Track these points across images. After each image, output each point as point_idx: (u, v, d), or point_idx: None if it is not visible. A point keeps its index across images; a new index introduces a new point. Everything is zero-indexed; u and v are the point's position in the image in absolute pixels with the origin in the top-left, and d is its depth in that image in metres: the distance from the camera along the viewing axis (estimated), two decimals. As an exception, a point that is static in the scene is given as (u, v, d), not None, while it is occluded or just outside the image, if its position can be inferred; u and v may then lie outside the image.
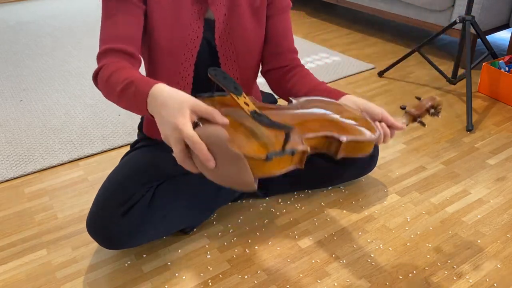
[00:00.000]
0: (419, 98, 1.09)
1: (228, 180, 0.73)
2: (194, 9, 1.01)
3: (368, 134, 0.88)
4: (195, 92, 1.09)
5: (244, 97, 0.78)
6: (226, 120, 0.74)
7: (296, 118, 0.87)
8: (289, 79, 1.13)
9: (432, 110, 1.08)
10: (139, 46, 1.00)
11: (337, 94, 1.02)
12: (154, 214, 1.08)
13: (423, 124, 1.06)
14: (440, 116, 1.21)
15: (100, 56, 0.95)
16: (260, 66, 1.18)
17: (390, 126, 0.97)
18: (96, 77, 0.94)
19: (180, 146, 0.74)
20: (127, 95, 0.84)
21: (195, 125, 0.75)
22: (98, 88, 0.94)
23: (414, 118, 1.04)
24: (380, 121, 0.97)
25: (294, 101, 0.95)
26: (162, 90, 0.78)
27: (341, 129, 0.87)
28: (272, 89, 1.20)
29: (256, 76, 1.18)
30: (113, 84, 0.87)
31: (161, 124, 0.77)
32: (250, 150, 0.72)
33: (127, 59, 0.95)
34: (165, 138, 0.77)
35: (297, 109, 0.91)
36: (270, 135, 0.77)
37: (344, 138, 0.84)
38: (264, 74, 1.19)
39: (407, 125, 1.02)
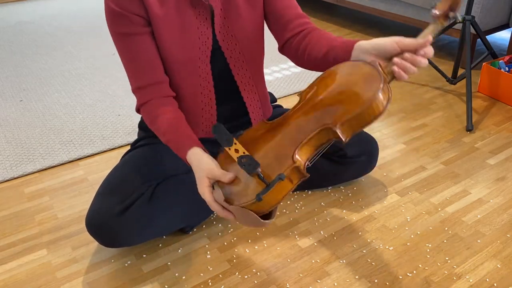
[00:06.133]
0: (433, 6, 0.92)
1: (249, 223, 0.87)
2: (198, 12, 1.01)
3: (362, 101, 0.80)
4: (217, 88, 1.11)
5: (235, 143, 0.90)
6: (229, 177, 0.88)
7: (289, 128, 0.88)
8: (305, 46, 1.05)
9: (451, 13, 0.91)
10: (161, 67, 1.05)
11: (350, 45, 0.99)
12: (154, 213, 1.08)
13: (457, 18, 0.91)
14: (459, 18, 1.02)
15: (135, 93, 1.06)
16: (278, 49, 1.15)
17: (415, 50, 0.85)
18: (138, 111, 1.08)
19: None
20: (170, 147, 1.00)
21: (213, 187, 0.91)
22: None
23: (444, 15, 0.88)
24: (400, 53, 0.86)
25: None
26: (190, 159, 0.95)
27: (333, 114, 0.82)
28: (295, 64, 1.13)
29: (262, 68, 1.17)
30: (156, 131, 1.03)
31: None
32: (243, 199, 0.84)
33: (157, 89, 1.04)
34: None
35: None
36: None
37: (337, 125, 0.80)
38: (282, 51, 1.13)
39: (434, 36, 0.85)
